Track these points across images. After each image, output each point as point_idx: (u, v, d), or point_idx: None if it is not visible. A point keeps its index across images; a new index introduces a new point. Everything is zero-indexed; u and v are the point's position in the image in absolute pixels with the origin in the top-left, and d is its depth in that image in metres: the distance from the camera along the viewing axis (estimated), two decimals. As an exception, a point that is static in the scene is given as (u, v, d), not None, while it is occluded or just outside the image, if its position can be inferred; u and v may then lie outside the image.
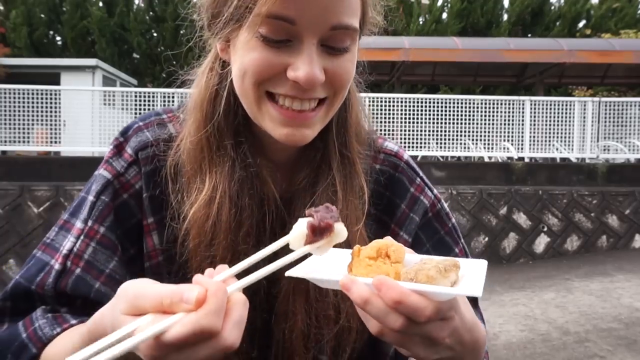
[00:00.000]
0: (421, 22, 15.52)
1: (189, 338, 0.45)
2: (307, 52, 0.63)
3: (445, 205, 0.85)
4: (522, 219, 7.57)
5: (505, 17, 16.05)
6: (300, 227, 0.57)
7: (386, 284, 0.48)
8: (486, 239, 7.42)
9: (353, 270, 0.54)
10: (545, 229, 7.55)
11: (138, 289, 0.50)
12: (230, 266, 0.64)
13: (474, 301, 0.82)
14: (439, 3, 15.78)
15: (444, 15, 15.81)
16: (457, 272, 0.52)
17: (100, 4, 15.15)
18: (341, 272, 0.56)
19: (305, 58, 0.62)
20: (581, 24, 16.08)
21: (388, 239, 0.57)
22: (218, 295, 0.47)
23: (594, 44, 11.82)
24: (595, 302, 5.37)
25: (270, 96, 0.67)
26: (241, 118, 0.73)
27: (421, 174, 0.84)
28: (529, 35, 15.87)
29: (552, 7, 16.20)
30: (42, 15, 14.78)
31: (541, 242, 7.52)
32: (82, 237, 0.72)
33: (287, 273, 0.56)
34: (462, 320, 0.55)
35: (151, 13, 15.39)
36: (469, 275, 0.53)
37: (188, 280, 0.66)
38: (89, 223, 0.73)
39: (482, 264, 0.55)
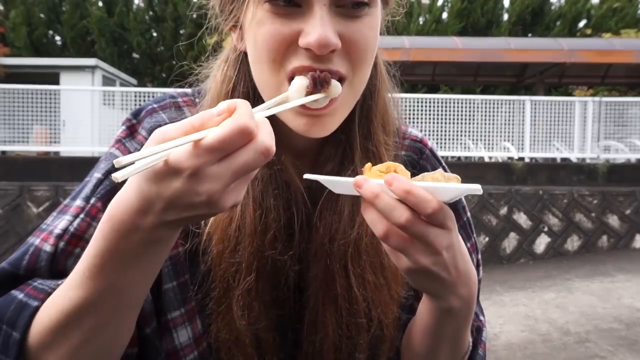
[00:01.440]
0: (421, 22, 15.52)
1: (229, 139, 0.43)
2: (318, 15, 0.57)
3: (464, 198, 0.83)
4: (522, 219, 7.56)
5: (506, 17, 16.05)
6: (300, 81, 0.58)
7: (397, 178, 0.50)
8: (486, 239, 7.41)
9: None
10: (546, 229, 7.55)
11: (164, 127, 0.46)
12: (257, 274, 0.64)
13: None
14: (439, 3, 15.78)
15: (444, 15, 15.81)
16: (459, 182, 0.56)
17: (100, 3, 15.14)
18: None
19: (316, 21, 0.57)
20: (581, 24, 16.08)
21: (390, 162, 0.57)
22: (247, 103, 0.46)
23: (594, 44, 11.82)
24: (596, 303, 5.36)
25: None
26: None
27: (443, 163, 0.82)
28: (529, 35, 15.86)
29: (553, 7, 16.19)
30: (42, 15, 14.78)
31: (541, 242, 7.51)
32: (82, 216, 0.65)
33: (305, 176, 0.55)
34: (459, 244, 0.56)
35: (151, 13, 15.38)
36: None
37: (213, 290, 0.66)
38: (92, 201, 0.67)
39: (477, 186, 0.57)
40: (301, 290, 0.70)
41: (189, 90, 0.76)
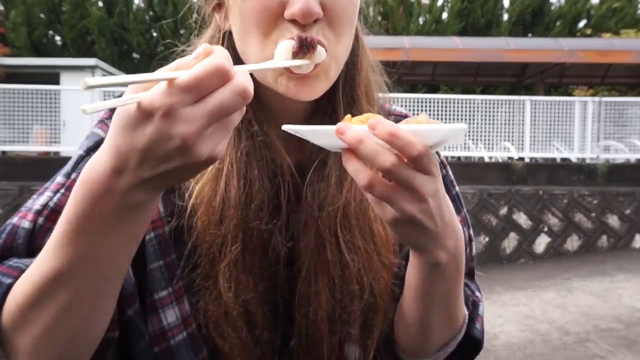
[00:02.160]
0: (421, 22, 15.52)
1: (204, 77, 0.42)
2: None
3: (450, 172, 0.83)
4: (522, 219, 7.57)
5: (506, 17, 16.05)
6: (286, 44, 0.60)
7: (382, 121, 0.49)
8: (486, 239, 7.41)
9: None
10: (546, 229, 7.55)
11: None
12: (243, 246, 0.63)
13: (470, 275, 0.80)
14: (439, 3, 15.78)
15: (444, 15, 15.80)
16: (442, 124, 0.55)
17: (100, 3, 15.14)
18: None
19: None
20: (581, 24, 16.08)
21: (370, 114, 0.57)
22: (223, 49, 0.44)
23: (594, 44, 11.82)
24: (596, 302, 5.36)
25: None
26: None
27: None
28: (529, 35, 15.86)
29: (553, 7, 16.19)
30: (42, 15, 14.78)
31: (541, 242, 7.52)
32: (62, 191, 0.64)
33: (284, 127, 0.53)
34: (444, 193, 0.55)
35: (151, 13, 15.39)
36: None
37: (199, 265, 0.65)
38: (72, 176, 0.66)
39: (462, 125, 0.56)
40: (292, 262, 0.68)
41: None
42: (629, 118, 9.60)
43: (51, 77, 10.52)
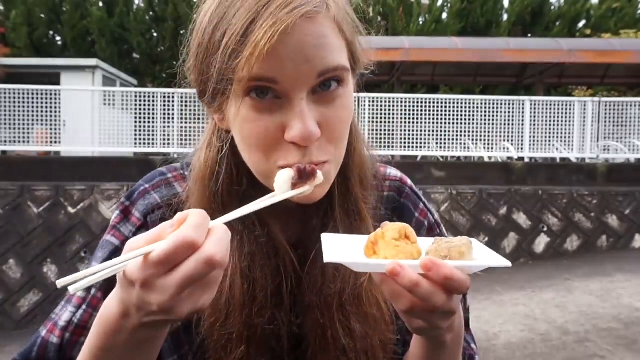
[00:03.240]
0: (421, 22, 15.53)
1: (173, 251, 0.46)
2: (297, 109, 0.61)
3: (444, 229, 0.87)
4: (522, 218, 7.58)
5: (505, 17, 16.06)
6: (286, 174, 0.61)
7: (436, 263, 0.51)
8: (486, 238, 7.42)
9: (381, 252, 0.57)
10: (545, 228, 7.56)
11: (132, 239, 0.52)
12: (247, 344, 0.68)
13: (466, 326, 0.85)
14: (439, 3, 15.79)
15: (444, 15, 15.81)
16: (469, 243, 0.58)
17: (100, 4, 15.15)
18: (359, 254, 0.59)
19: (297, 115, 0.60)
20: (581, 24, 16.09)
21: (400, 223, 0.59)
22: (199, 213, 0.49)
23: (593, 44, 11.83)
24: (595, 302, 5.37)
25: None
26: (246, 187, 0.71)
27: (423, 198, 0.85)
28: (529, 35, 15.87)
29: (552, 7, 16.20)
30: (42, 15, 14.78)
31: (541, 242, 7.53)
32: (84, 307, 0.72)
33: (327, 259, 0.55)
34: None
35: (151, 13, 15.40)
36: (478, 249, 0.59)
37: (208, 359, 0.70)
38: (92, 292, 0.72)
39: (477, 242, 0.60)
40: (300, 342, 0.73)
41: (177, 165, 0.80)
42: (628, 118, 9.60)
43: (51, 77, 10.52)
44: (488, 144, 9.45)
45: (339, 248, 0.59)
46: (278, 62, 0.58)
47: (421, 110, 9.27)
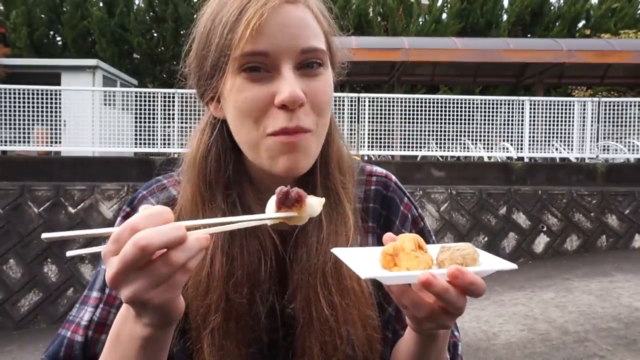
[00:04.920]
0: (421, 23, 15.53)
1: (119, 232, 0.51)
2: (286, 76, 0.69)
3: (428, 224, 0.92)
4: (521, 218, 7.59)
5: (505, 17, 16.06)
6: (272, 200, 0.64)
7: (462, 271, 0.56)
8: (486, 238, 7.43)
9: (402, 263, 0.61)
10: (545, 228, 7.57)
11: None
12: (224, 316, 0.72)
13: None
14: (439, 3, 15.79)
15: (444, 16, 15.82)
16: (472, 248, 0.63)
17: (101, 4, 15.15)
18: (376, 266, 0.63)
19: (285, 81, 0.69)
20: (581, 24, 16.10)
21: (412, 234, 0.63)
22: (159, 207, 0.54)
23: (593, 44, 11.83)
24: (595, 302, 5.38)
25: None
26: (231, 172, 0.78)
27: (407, 193, 0.92)
28: (529, 35, 15.88)
29: (552, 7, 16.21)
30: (43, 16, 14.78)
31: (541, 242, 7.54)
32: (101, 306, 0.78)
33: (363, 276, 0.58)
34: None
35: (151, 13, 15.40)
36: (481, 254, 0.64)
37: (189, 331, 0.74)
38: (107, 291, 0.79)
39: (473, 246, 0.64)
40: (285, 325, 0.77)
41: (174, 173, 0.87)
42: (628, 118, 9.61)
43: (52, 77, 10.52)
44: (488, 144, 9.46)
45: (361, 262, 0.62)
46: (267, 37, 0.68)
47: (421, 111, 9.28)
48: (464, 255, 0.60)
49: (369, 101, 9.36)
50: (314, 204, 0.65)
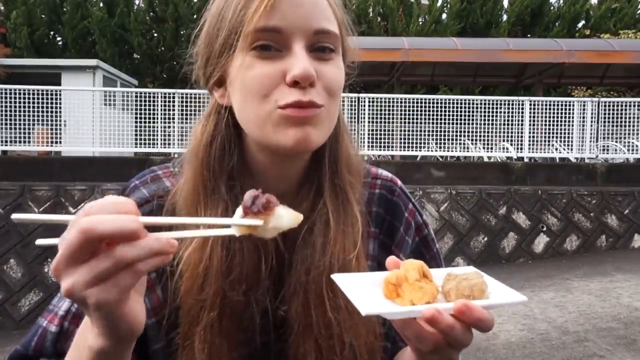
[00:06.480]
0: (421, 23, 15.53)
1: (74, 219, 0.48)
2: (298, 53, 0.67)
3: (432, 231, 0.89)
4: (521, 218, 7.59)
5: (505, 17, 16.07)
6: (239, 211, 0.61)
7: (469, 307, 0.54)
8: (485, 238, 7.43)
9: (406, 294, 0.57)
10: (545, 228, 7.57)
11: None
12: (219, 313, 0.69)
13: None
14: (439, 3, 15.79)
15: (444, 16, 15.82)
16: (479, 275, 0.60)
17: (101, 4, 15.16)
18: (377, 294, 0.60)
19: (297, 57, 0.66)
20: (580, 24, 16.10)
21: (417, 261, 0.61)
22: (117, 197, 0.51)
23: (593, 44, 11.83)
24: (595, 302, 5.38)
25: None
26: (235, 163, 0.75)
27: (412, 199, 0.88)
28: (529, 35, 15.89)
29: (552, 8, 16.22)
30: (43, 16, 14.79)
31: (540, 242, 7.54)
32: None
33: (364, 312, 0.53)
34: None
35: (151, 13, 15.41)
36: (489, 282, 0.61)
37: (179, 325, 0.71)
38: None
39: (480, 273, 0.60)
40: (283, 325, 0.73)
41: (169, 164, 0.84)
42: (627, 118, 9.62)
43: (52, 77, 10.53)
44: (487, 144, 9.47)
45: (361, 291, 0.58)
46: (281, 14, 0.66)
47: (421, 111, 9.28)
48: (471, 286, 0.57)
49: (369, 101, 9.37)
50: (284, 216, 0.57)
